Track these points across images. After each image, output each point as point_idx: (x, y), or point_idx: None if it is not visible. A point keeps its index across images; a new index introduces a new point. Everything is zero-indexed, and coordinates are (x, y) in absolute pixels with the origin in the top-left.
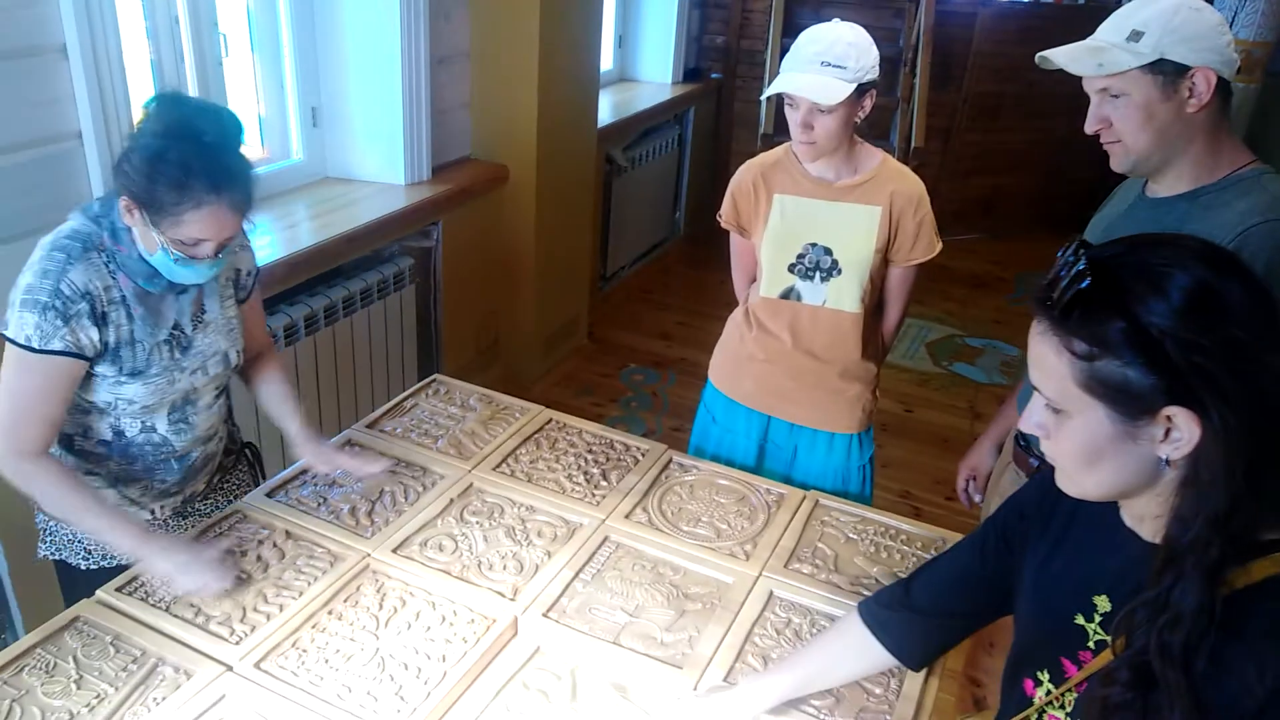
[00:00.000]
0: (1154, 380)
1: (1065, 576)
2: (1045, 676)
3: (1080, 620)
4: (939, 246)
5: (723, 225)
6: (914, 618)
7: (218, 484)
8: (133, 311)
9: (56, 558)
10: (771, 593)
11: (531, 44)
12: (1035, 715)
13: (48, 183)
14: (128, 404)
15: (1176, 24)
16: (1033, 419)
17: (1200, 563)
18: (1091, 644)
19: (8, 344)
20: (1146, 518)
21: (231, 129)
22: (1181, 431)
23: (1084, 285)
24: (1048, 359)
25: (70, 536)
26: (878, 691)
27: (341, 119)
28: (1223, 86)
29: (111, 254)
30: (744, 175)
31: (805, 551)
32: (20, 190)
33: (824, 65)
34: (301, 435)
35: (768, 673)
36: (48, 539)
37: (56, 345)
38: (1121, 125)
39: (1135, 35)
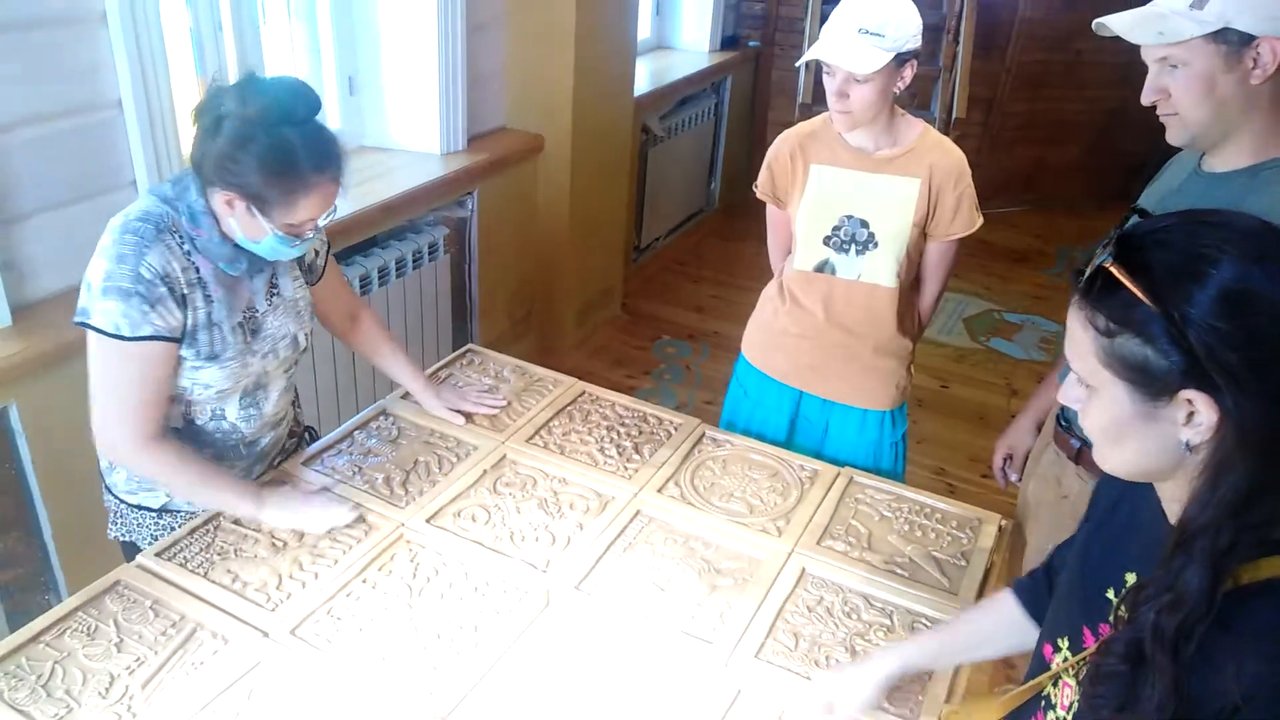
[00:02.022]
0: (1172, 362)
1: (1108, 549)
2: (1065, 644)
3: (1110, 594)
4: (979, 222)
5: (758, 196)
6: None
7: (278, 467)
8: (211, 294)
9: (126, 539)
10: (804, 569)
11: (568, 11)
12: (1050, 681)
13: (88, 151)
14: (204, 389)
15: None
16: (1070, 391)
17: (1210, 548)
18: (1112, 618)
19: (96, 335)
20: (1174, 499)
21: (315, 102)
22: (1201, 416)
23: (1108, 260)
24: (1076, 334)
25: (139, 521)
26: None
27: (378, 88)
28: None
29: (188, 237)
30: (781, 145)
31: (838, 529)
32: (61, 158)
33: (861, 33)
34: (424, 393)
35: (911, 639)
36: (119, 521)
37: (146, 331)
38: (1181, 97)
39: (1199, 2)
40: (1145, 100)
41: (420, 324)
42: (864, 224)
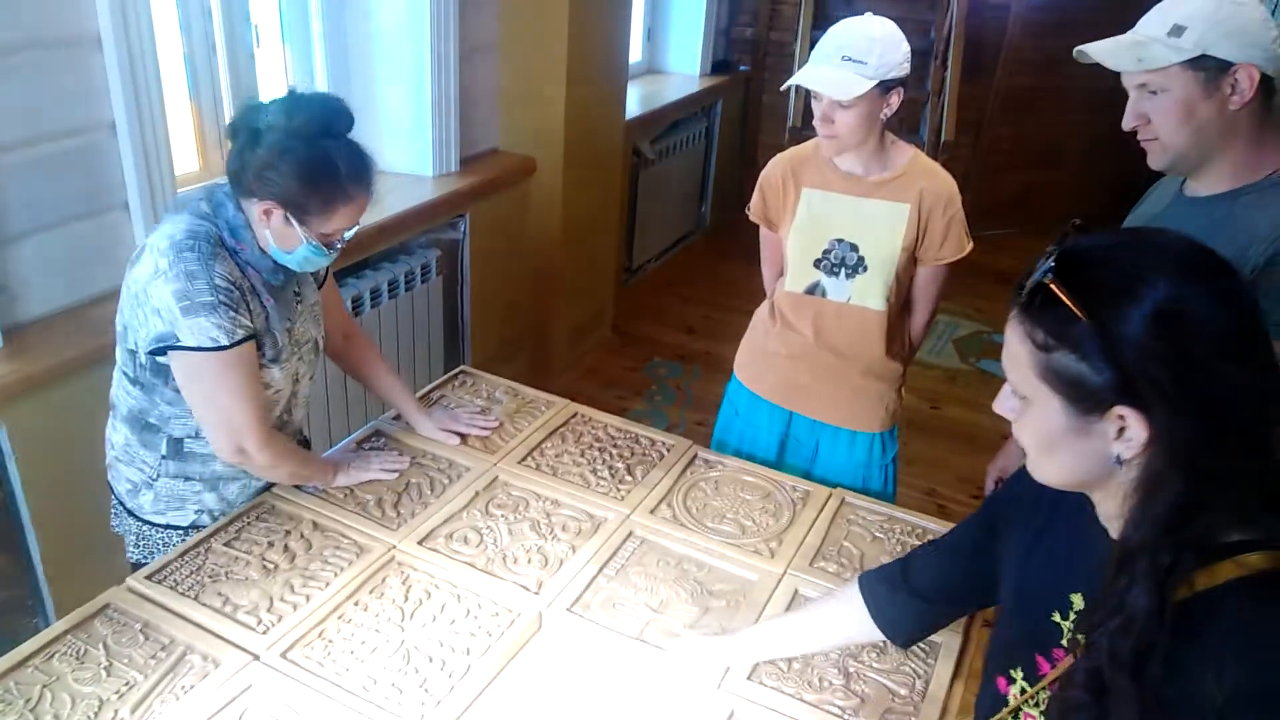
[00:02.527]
0: (1106, 378)
1: (1045, 572)
2: (1019, 674)
3: (1056, 617)
4: (969, 246)
5: (751, 218)
6: (909, 599)
7: None
8: (265, 302)
9: (144, 560)
10: (796, 591)
11: (560, 36)
12: (1010, 716)
13: (81, 173)
14: (274, 392)
15: (1220, 19)
16: (1005, 403)
17: (1151, 566)
18: (1065, 641)
19: (192, 354)
20: (1112, 517)
21: (352, 118)
22: (1132, 432)
23: (1048, 277)
24: (1013, 346)
25: (166, 540)
26: (903, 693)
27: (371, 110)
28: (1267, 84)
29: (233, 250)
30: (773, 168)
31: (831, 550)
32: (54, 180)
33: (844, 60)
34: (416, 415)
35: (761, 625)
36: (142, 544)
37: (241, 334)
38: (1160, 122)
39: (1177, 30)
40: (1126, 125)
41: (412, 345)
42: (854, 247)
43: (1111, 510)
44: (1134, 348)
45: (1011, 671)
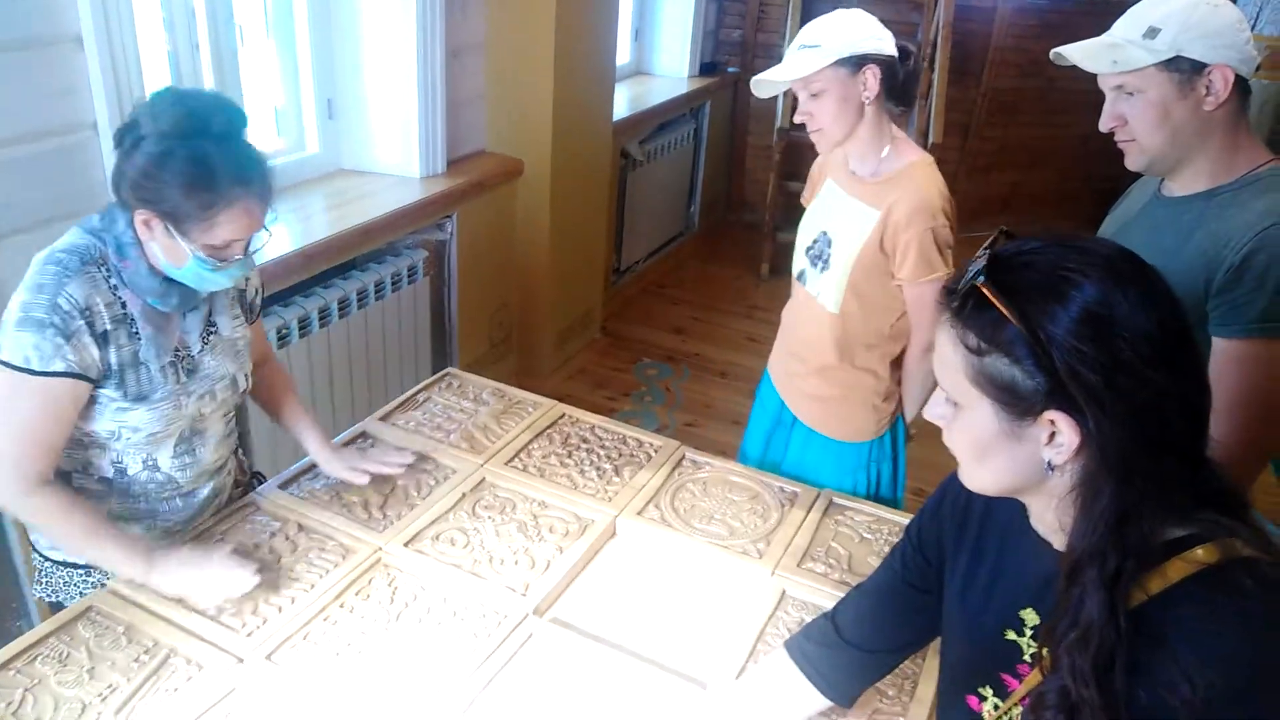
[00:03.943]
0: (1037, 383)
1: (989, 591)
2: (989, 692)
3: (1011, 635)
4: (935, 274)
5: (803, 204)
6: (847, 653)
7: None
8: (138, 331)
9: (52, 599)
10: (784, 592)
11: (547, 36)
12: None
13: (63, 173)
14: (132, 433)
15: (1194, 20)
16: (933, 409)
17: (1099, 575)
18: (1027, 657)
19: (3, 369)
20: (1052, 527)
21: (238, 116)
22: (1063, 436)
23: (979, 280)
24: (945, 350)
25: (66, 580)
26: (890, 693)
27: (357, 111)
28: (1241, 84)
29: (115, 270)
30: (819, 157)
31: (819, 551)
32: (36, 181)
33: (801, 48)
34: (322, 452)
35: (724, 697)
36: (44, 581)
37: (59, 366)
38: (1136, 123)
39: (1152, 32)
40: (1103, 126)
41: (399, 347)
42: (830, 243)
43: (1049, 520)
44: (1064, 351)
45: (980, 690)
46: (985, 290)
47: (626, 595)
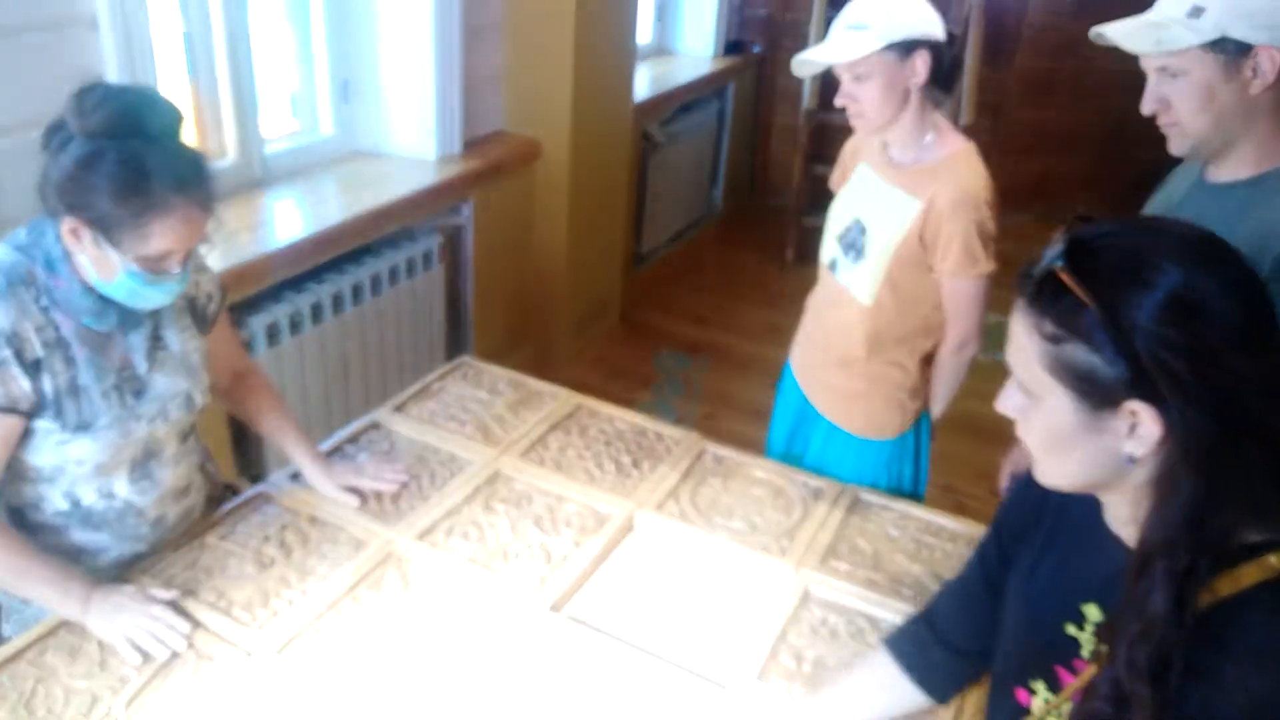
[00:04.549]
0: (1118, 371)
1: (1053, 584)
2: (1041, 686)
3: (1071, 629)
4: (978, 269)
5: (831, 189)
6: (941, 652)
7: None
8: (74, 355)
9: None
10: (807, 589)
11: (567, 15)
12: None
13: None
14: (77, 465)
15: (1240, 0)
16: (1007, 401)
17: (1170, 569)
18: (1085, 653)
19: None
20: (1126, 521)
21: (174, 114)
22: (1144, 428)
23: (1058, 265)
24: (1020, 338)
25: (36, 615)
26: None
27: (373, 93)
28: None
29: (45, 289)
30: (849, 141)
31: (843, 548)
32: None
33: (847, 29)
34: (312, 469)
35: (815, 696)
36: (12, 618)
37: None
38: (1180, 106)
39: (1196, 11)
40: (1145, 110)
41: (414, 334)
42: (863, 231)
43: (1123, 514)
44: (1147, 337)
45: (1031, 684)
46: (1064, 276)
47: (644, 592)
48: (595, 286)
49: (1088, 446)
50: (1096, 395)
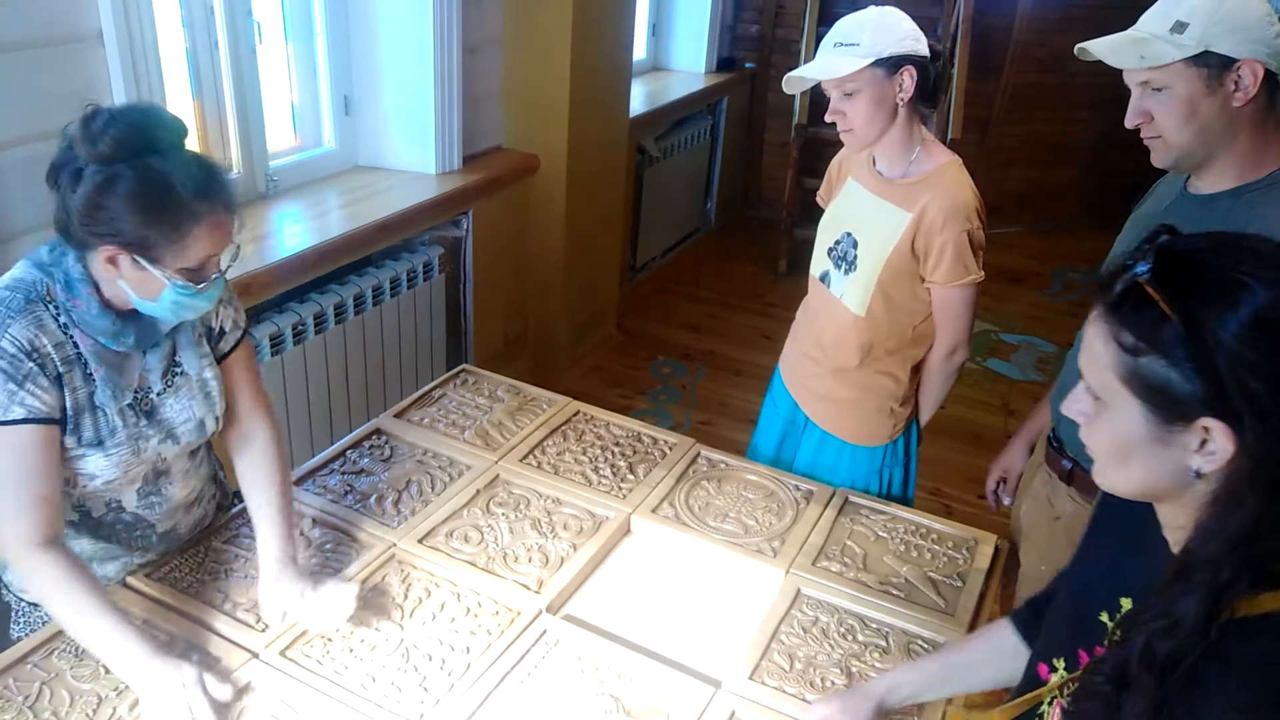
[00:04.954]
0: (1196, 388)
1: (1102, 573)
2: (1061, 664)
3: (1104, 617)
4: (969, 277)
5: (818, 202)
6: None
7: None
8: (92, 372)
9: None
10: (799, 590)
11: (564, 32)
12: (1048, 698)
13: None
14: (89, 479)
15: (1223, 14)
16: (1075, 405)
17: (1210, 580)
18: (1107, 641)
19: None
20: (1177, 528)
21: (179, 125)
22: (1216, 445)
23: (1145, 276)
24: (1095, 345)
25: (45, 620)
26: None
27: (373, 107)
28: (1270, 80)
29: (64, 308)
30: (836, 157)
31: (834, 549)
32: None
33: (836, 47)
34: (267, 570)
35: (908, 664)
36: (21, 620)
37: (17, 413)
38: (1163, 120)
39: (1179, 26)
40: (1129, 123)
41: (415, 343)
42: (855, 244)
43: (1177, 520)
44: (1229, 357)
45: (1054, 660)
46: (1149, 288)
47: (640, 593)
48: (592, 297)
49: (1153, 457)
50: (1170, 409)
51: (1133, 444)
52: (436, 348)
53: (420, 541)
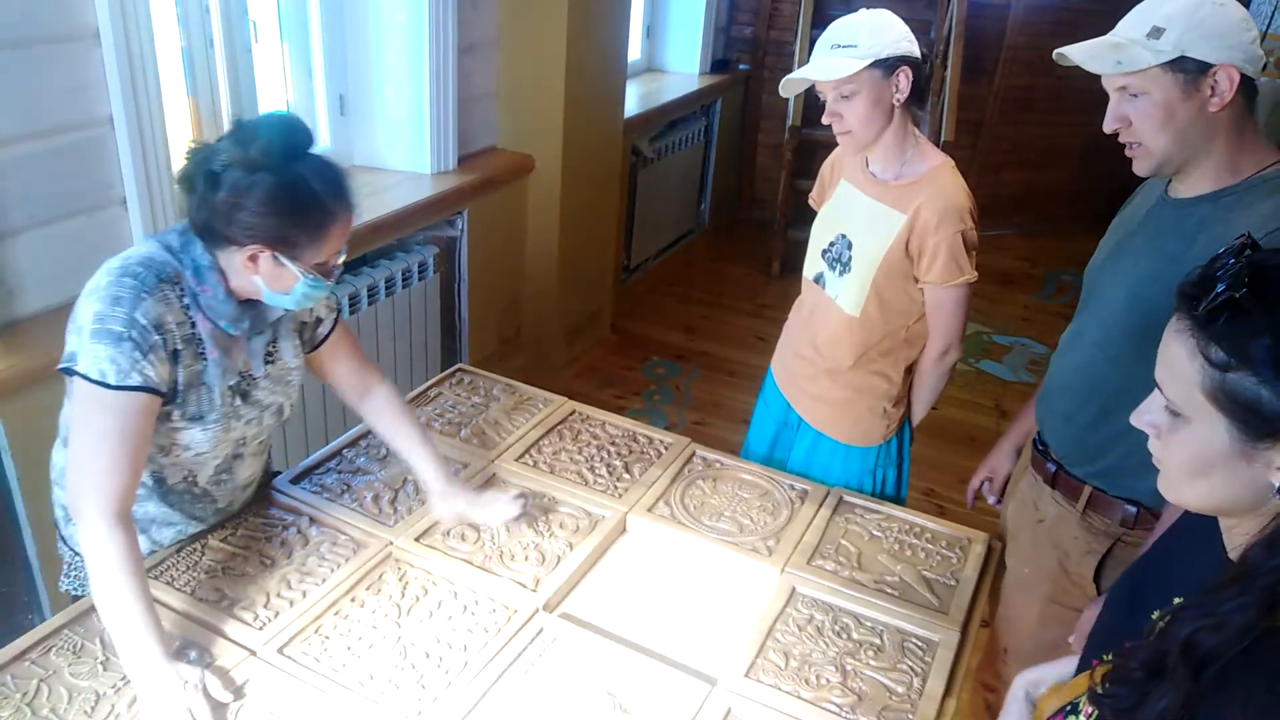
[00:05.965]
0: None
1: (1162, 574)
2: (1108, 657)
3: (1155, 616)
4: (963, 277)
5: (809, 203)
6: None
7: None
8: (206, 353)
9: (78, 593)
10: (794, 589)
11: (559, 33)
12: (1086, 694)
13: (79, 168)
14: (183, 450)
15: (1199, 20)
16: (1146, 416)
17: (1269, 590)
18: (1147, 634)
19: (81, 381)
20: (1239, 534)
21: (308, 133)
22: None
23: (1240, 293)
24: (1179, 360)
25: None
26: (900, 690)
27: (369, 107)
28: (1247, 85)
29: (190, 292)
30: (829, 158)
31: (828, 548)
32: (51, 175)
33: (833, 49)
34: (435, 486)
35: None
36: (72, 574)
37: (135, 380)
38: (1141, 125)
39: (1156, 32)
40: (1107, 128)
41: (409, 343)
42: (849, 245)
43: (1241, 529)
44: None
45: (1105, 656)
46: (1247, 304)
47: (636, 591)
48: (587, 297)
49: (1233, 474)
50: (1258, 427)
51: (1214, 460)
52: (431, 348)
53: (417, 540)
